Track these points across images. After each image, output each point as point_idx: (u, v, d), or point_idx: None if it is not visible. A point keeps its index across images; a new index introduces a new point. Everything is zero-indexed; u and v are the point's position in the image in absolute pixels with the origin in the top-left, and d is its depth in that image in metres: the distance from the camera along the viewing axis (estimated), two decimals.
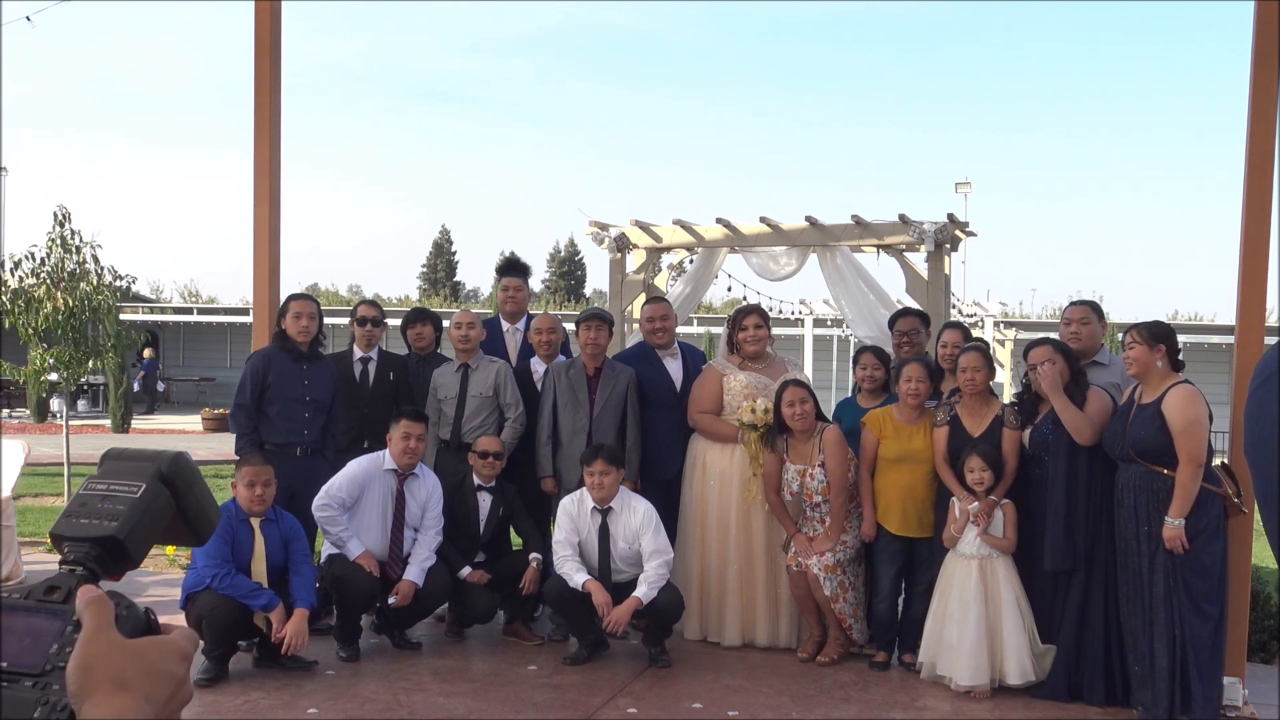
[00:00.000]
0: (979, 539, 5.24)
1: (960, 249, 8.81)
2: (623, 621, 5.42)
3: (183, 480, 0.98)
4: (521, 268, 7.08)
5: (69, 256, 11.81)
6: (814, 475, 5.68)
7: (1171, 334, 4.90)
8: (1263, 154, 5.25)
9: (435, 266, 57.71)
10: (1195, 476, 4.69)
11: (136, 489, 0.95)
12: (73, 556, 0.91)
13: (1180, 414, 4.70)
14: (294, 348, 6.10)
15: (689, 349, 6.61)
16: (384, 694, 5.09)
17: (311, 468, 5.99)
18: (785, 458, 5.76)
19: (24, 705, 0.81)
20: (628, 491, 5.76)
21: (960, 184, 30.18)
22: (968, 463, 5.31)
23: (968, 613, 5.19)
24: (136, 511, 0.93)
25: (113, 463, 0.99)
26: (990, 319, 17.73)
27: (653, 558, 5.54)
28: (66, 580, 0.89)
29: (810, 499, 5.72)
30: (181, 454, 1.00)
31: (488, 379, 6.25)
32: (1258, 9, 5.30)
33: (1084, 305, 5.76)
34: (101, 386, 25.64)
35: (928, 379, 5.65)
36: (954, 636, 5.23)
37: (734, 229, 8.19)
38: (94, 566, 0.91)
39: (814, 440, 5.73)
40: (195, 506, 0.99)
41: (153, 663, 0.84)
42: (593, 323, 6.21)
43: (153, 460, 0.98)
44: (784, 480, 5.76)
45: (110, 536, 0.92)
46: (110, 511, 0.93)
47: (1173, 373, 4.84)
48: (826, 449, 5.68)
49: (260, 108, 6.72)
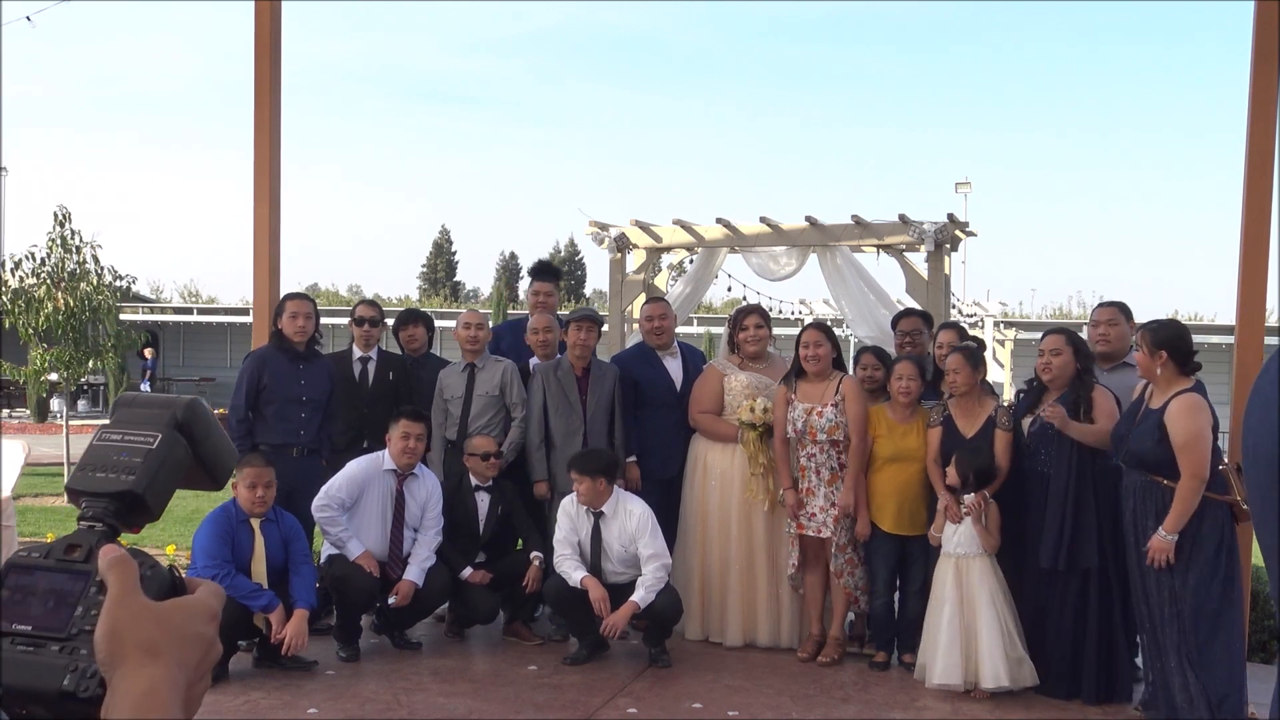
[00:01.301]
0: (958, 538, 5.25)
1: (960, 249, 8.81)
2: (620, 625, 5.42)
3: (200, 427, 0.94)
4: (555, 272, 7.11)
5: (69, 256, 11.83)
6: (822, 414, 5.65)
7: (1178, 336, 4.70)
8: (1263, 154, 5.25)
9: (435, 266, 57.70)
10: (1196, 491, 4.55)
11: (152, 439, 0.91)
12: (91, 513, 0.88)
13: (1181, 428, 4.55)
14: (290, 348, 6.09)
15: (689, 349, 6.60)
16: (384, 694, 5.09)
17: (308, 468, 5.99)
18: (793, 396, 5.75)
19: (52, 671, 0.79)
20: (623, 494, 5.74)
21: (960, 184, 30.19)
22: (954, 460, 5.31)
23: (942, 610, 5.20)
24: (154, 463, 0.90)
25: (126, 409, 0.95)
26: (990, 319, 17.72)
27: (650, 562, 5.52)
28: (86, 538, 0.86)
29: (814, 437, 5.67)
30: (196, 399, 0.97)
31: (494, 378, 6.24)
32: (1258, 9, 5.30)
33: (1112, 306, 5.61)
34: (101, 386, 25.65)
35: (919, 377, 5.65)
36: (936, 633, 5.23)
37: (734, 229, 8.19)
38: (113, 522, 0.88)
39: (827, 384, 5.72)
40: (213, 453, 0.96)
41: (181, 625, 0.82)
42: (583, 324, 6.18)
43: (167, 407, 0.94)
44: (790, 418, 5.73)
45: (129, 490, 0.88)
46: (127, 465, 0.90)
47: (1180, 378, 4.65)
48: (847, 394, 5.67)
49: (260, 108, 6.72)
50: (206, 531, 5.24)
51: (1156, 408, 4.68)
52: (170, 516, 10.45)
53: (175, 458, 0.92)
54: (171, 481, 0.92)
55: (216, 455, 0.97)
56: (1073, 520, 5.02)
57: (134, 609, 0.80)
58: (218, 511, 5.35)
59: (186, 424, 0.94)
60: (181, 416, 0.94)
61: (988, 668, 5.10)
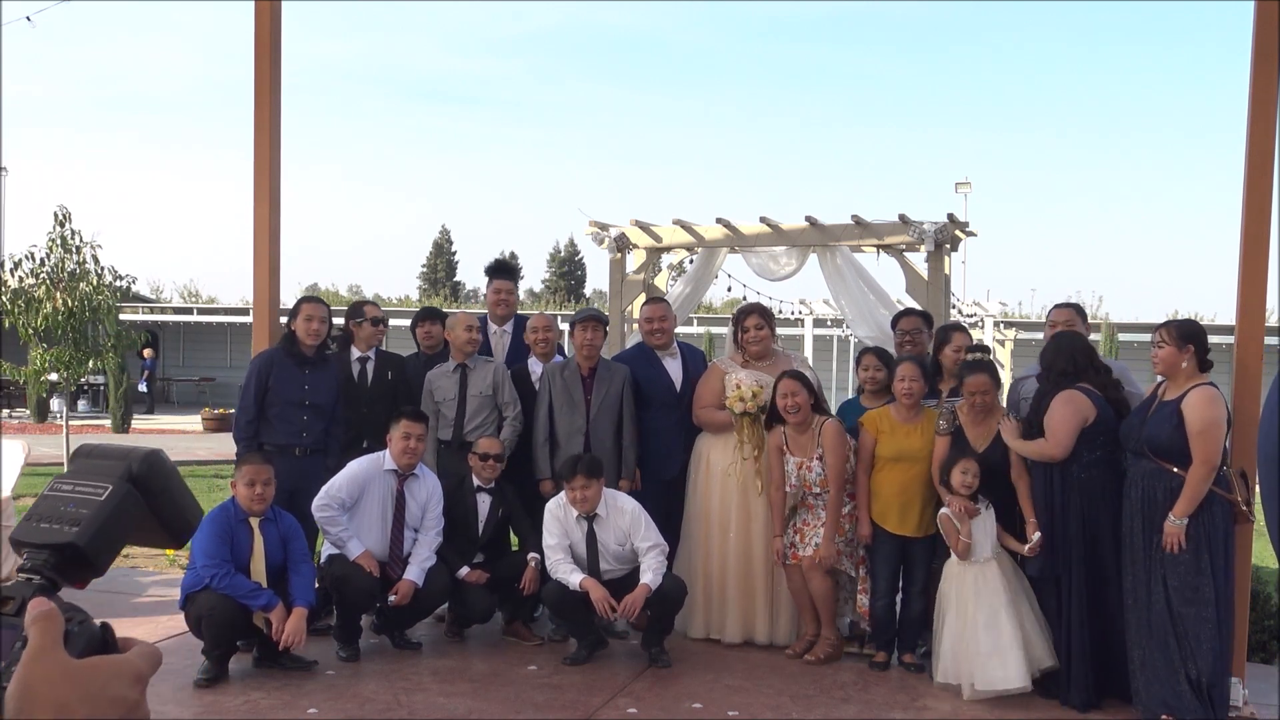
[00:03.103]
0: (988, 539, 5.23)
1: (960, 249, 8.80)
2: (638, 606, 5.43)
3: (156, 480, 0.90)
4: (512, 270, 7.12)
5: (69, 256, 11.84)
6: (811, 468, 5.68)
7: (1201, 335, 4.86)
8: (1263, 154, 5.24)
9: (435, 266, 57.72)
10: (1206, 478, 4.66)
11: (102, 490, 0.87)
12: (29, 565, 0.85)
13: (1199, 414, 4.67)
14: (298, 351, 6.10)
15: (689, 349, 6.60)
16: (384, 694, 5.09)
17: (310, 468, 5.99)
18: (786, 450, 5.76)
19: None
20: (612, 492, 5.77)
21: (960, 184, 30.20)
22: (960, 464, 5.31)
23: (998, 615, 5.13)
24: (100, 515, 0.86)
25: (82, 461, 0.91)
26: (990, 319, 17.73)
27: (649, 552, 5.57)
28: (21, 590, 0.82)
29: (810, 490, 5.73)
30: (155, 452, 0.93)
31: (486, 378, 6.25)
32: (1258, 9, 5.30)
33: (1068, 308, 5.88)
34: (101, 386, 25.64)
35: (922, 378, 5.65)
36: (988, 644, 5.11)
37: (734, 229, 8.19)
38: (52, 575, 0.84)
39: (812, 432, 5.73)
40: (170, 507, 0.92)
41: (101, 686, 0.77)
42: (590, 324, 6.20)
43: (123, 459, 0.91)
44: (785, 472, 5.77)
45: (70, 543, 0.84)
46: (72, 516, 0.86)
47: (1198, 373, 4.81)
48: (825, 441, 5.67)
49: (260, 108, 6.71)
50: (205, 531, 5.24)
51: (1172, 399, 4.79)
52: None
53: (125, 510, 0.88)
54: (119, 536, 0.88)
55: (175, 510, 0.92)
56: (1047, 528, 5.11)
57: (50, 666, 0.76)
58: (216, 511, 5.35)
59: (142, 477, 0.90)
60: (137, 469, 0.90)
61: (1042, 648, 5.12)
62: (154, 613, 6.50)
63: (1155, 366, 4.93)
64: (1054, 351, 5.23)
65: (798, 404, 5.64)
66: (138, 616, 6.42)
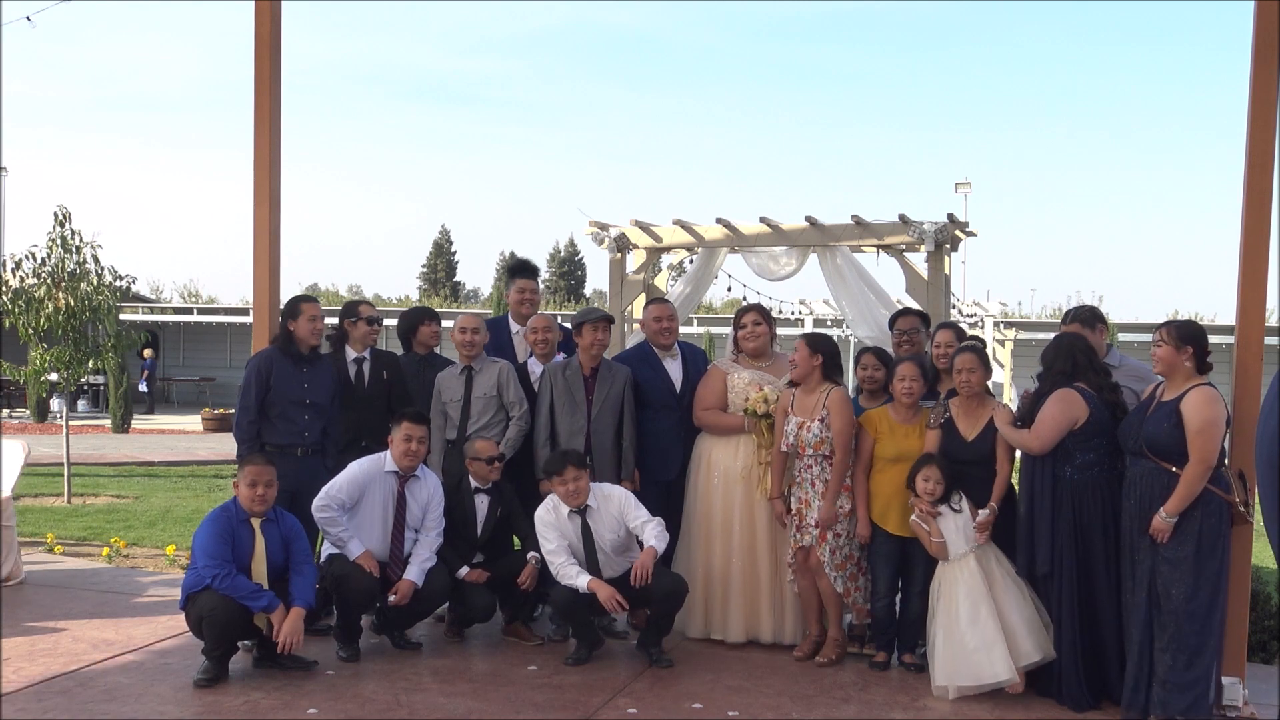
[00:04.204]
0: (963, 536, 5.26)
1: (960, 249, 8.80)
2: (649, 569, 5.46)
3: None
4: (535, 269, 7.13)
5: (69, 256, 11.82)
6: (810, 428, 5.68)
7: (1201, 336, 4.89)
8: (1263, 154, 5.24)
9: (435, 266, 57.75)
10: (1202, 477, 4.67)
11: None
12: None
13: (1198, 414, 4.69)
14: (295, 350, 6.10)
15: (690, 349, 6.58)
16: (384, 694, 5.09)
17: (312, 468, 6.00)
18: (790, 409, 5.78)
19: None
20: (598, 483, 5.80)
21: (960, 184, 30.24)
22: (924, 470, 5.34)
23: (979, 610, 5.16)
24: None
25: None
26: (990, 319, 17.74)
27: (645, 525, 5.64)
28: None
29: (803, 451, 5.72)
30: None
31: (491, 380, 6.26)
32: (1258, 9, 5.29)
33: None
34: (101, 386, 25.65)
35: (921, 378, 5.66)
36: (974, 640, 5.14)
37: (734, 229, 8.19)
38: None
39: (819, 395, 5.74)
40: None
41: None
42: (602, 324, 6.20)
43: None
44: (785, 431, 5.78)
45: None
46: None
47: (1197, 374, 4.83)
48: (831, 406, 5.69)
49: (260, 107, 6.72)
50: (207, 531, 5.24)
51: (1170, 399, 4.81)
52: (170, 516, 10.46)
53: None
54: None
55: None
56: (1029, 527, 5.14)
57: None
58: (218, 511, 5.35)
59: None
60: None
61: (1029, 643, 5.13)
62: (154, 613, 6.50)
63: (1155, 366, 4.96)
64: (1054, 351, 5.25)
65: (802, 359, 5.79)
66: (137, 616, 6.42)
